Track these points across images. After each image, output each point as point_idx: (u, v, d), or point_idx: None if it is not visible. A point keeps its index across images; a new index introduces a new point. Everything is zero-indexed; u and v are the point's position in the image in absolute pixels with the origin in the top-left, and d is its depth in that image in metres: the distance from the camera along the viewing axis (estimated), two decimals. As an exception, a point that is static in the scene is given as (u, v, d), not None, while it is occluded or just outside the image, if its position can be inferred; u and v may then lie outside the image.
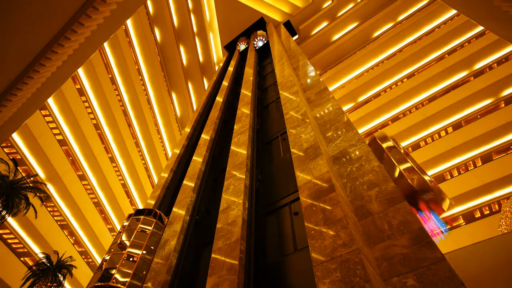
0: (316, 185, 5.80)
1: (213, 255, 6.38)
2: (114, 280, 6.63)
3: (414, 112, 26.30)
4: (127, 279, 6.75)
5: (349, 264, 3.98)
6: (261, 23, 33.08)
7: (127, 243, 7.57)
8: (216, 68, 35.84)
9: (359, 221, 5.18)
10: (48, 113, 27.08)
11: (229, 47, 35.55)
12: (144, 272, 7.11)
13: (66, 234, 30.47)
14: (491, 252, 6.28)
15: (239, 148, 10.07)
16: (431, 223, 7.19)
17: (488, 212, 20.03)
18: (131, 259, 7.16)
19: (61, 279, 23.27)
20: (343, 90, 32.70)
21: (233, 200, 7.71)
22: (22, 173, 24.39)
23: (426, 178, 7.18)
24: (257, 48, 25.55)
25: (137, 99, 36.30)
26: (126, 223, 8.50)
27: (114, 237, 36.81)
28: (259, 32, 27.56)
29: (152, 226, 8.20)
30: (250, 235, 6.72)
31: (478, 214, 20.31)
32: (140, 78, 36.40)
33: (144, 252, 7.41)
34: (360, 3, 32.34)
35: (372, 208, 5.21)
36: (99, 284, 6.57)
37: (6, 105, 11.83)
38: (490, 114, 21.90)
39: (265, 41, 26.10)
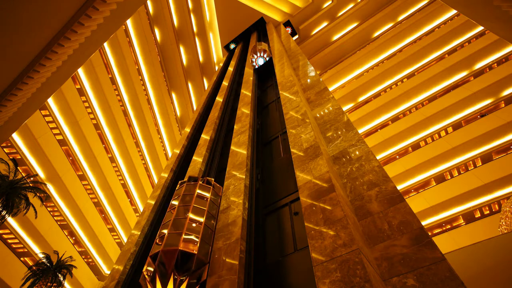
0: (316, 185, 5.80)
1: (213, 255, 6.38)
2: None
3: (414, 112, 26.29)
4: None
5: (349, 264, 3.98)
6: (261, 23, 33.09)
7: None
8: (216, 68, 35.84)
9: (359, 221, 5.18)
10: (48, 113, 27.08)
11: (229, 47, 35.56)
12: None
13: (66, 234, 30.46)
14: (491, 252, 6.28)
15: (239, 148, 10.07)
16: None
17: (488, 212, 20.02)
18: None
19: (61, 279, 23.27)
20: (343, 90, 32.70)
21: (233, 200, 7.71)
22: (22, 173, 24.39)
23: None
24: (256, 67, 18.54)
25: (137, 99, 36.29)
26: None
27: (114, 236, 36.86)
28: (259, 47, 19.03)
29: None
30: (250, 235, 6.72)
31: (478, 214, 20.31)
32: (140, 78, 36.39)
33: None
34: (360, 3, 32.34)
35: (372, 208, 5.21)
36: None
37: (6, 105, 11.83)
38: (490, 114, 21.89)
39: (267, 59, 18.50)
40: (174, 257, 5.95)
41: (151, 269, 6.14)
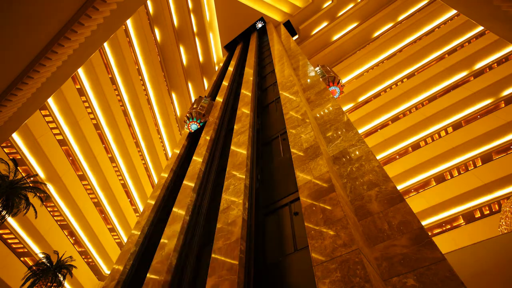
0: (316, 185, 5.80)
1: (213, 255, 6.38)
2: None
3: (414, 112, 26.29)
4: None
5: (349, 264, 3.98)
6: (261, 23, 33.11)
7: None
8: (216, 68, 35.84)
9: (359, 221, 5.17)
10: (48, 113, 27.09)
11: (229, 47, 35.54)
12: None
13: (66, 234, 30.46)
14: (491, 252, 6.28)
15: (239, 148, 10.07)
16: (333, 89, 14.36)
17: (488, 212, 20.02)
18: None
19: (61, 279, 23.30)
20: (343, 90, 32.70)
21: (233, 200, 7.71)
22: (22, 173, 24.40)
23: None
24: (257, 28, 26.04)
25: (137, 99, 36.30)
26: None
27: (114, 236, 36.87)
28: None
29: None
30: (250, 235, 6.71)
31: (478, 214, 20.31)
32: (140, 78, 36.40)
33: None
34: (360, 3, 32.34)
35: (372, 208, 5.21)
36: None
37: (6, 105, 11.83)
38: (490, 114, 21.89)
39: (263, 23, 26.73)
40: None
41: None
